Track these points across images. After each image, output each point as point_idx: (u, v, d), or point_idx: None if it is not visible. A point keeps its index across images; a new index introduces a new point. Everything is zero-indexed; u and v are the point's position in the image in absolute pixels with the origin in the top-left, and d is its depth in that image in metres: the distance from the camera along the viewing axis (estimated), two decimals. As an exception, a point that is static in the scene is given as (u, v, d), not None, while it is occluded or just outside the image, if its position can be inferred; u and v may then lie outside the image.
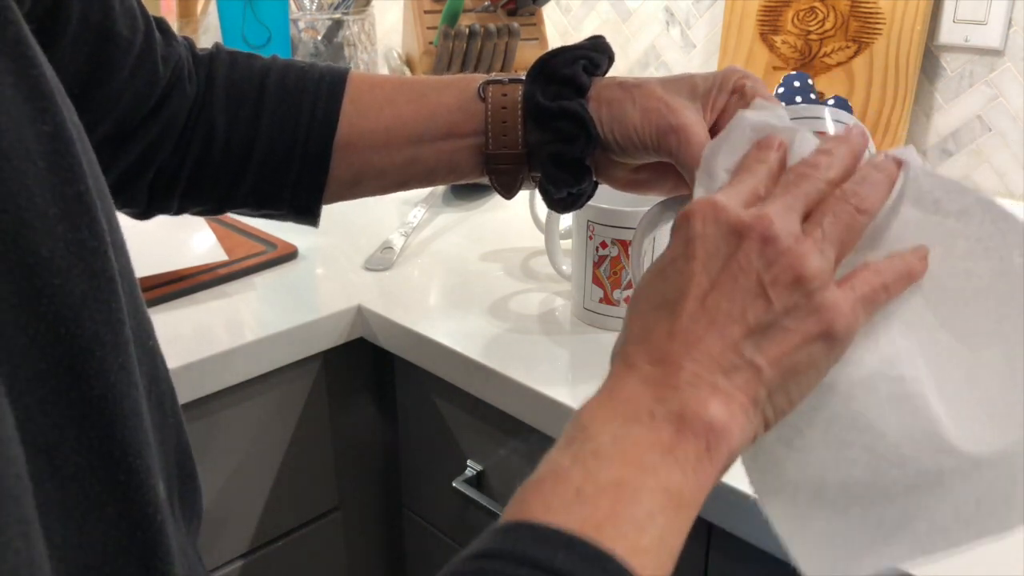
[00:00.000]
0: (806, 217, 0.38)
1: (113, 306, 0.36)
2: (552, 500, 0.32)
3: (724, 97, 0.49)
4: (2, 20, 0.33)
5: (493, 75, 0.55)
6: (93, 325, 0.35)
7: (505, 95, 0.53)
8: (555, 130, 0.52)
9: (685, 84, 0.50)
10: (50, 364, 0.33)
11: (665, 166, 0.52)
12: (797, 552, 0.38)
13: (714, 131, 0.49)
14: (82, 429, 0.34)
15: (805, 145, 0.41)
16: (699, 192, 0.42)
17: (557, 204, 0.55)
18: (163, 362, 0.44)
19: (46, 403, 0.33)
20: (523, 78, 0.53)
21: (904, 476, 0.38)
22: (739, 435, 0.35)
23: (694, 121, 0.48)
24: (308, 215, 0.59)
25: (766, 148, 0.41)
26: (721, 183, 0.41)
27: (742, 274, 0.36)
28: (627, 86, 0.50)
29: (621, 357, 0.37)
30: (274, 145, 0.56)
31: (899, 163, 0.40)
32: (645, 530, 0.32)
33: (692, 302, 0.36)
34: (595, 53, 0.52)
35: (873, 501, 0.39)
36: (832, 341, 0.36)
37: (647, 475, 0.33)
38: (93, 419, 0.35)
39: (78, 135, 0.36)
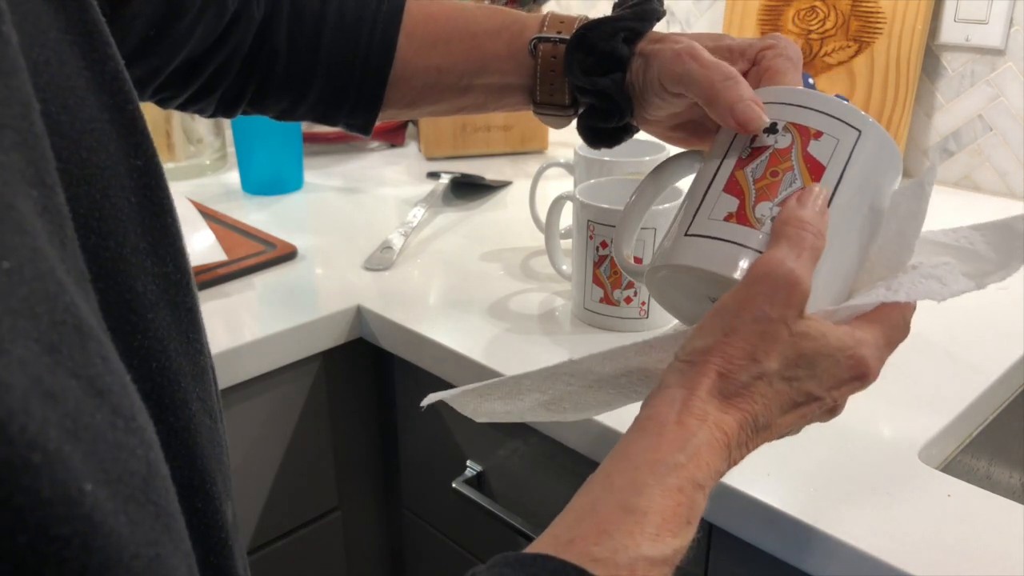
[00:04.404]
0: None
1: (192, 336, 0.36)
2: None
3: (745, 64, 0.49)
4: (101, 56, 0.32)
5: (544, 29, 0.56)
6: (178, 357, 0.35)
7: (555, 57, 0.55)
8: (589, 103, 0.54)
9: (713, 38, 0.51)
10: (141, 398, 0.33)
11: (699, 126, 0.54)
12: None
13: None
14: (167, 461, 0.34)
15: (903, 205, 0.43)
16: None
17: (597, 146, 0.58)
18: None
19: None
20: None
21: None
22: None
23: (707, 52, 0.48)
24: (362, 131, 0.63)
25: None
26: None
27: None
28: (664, 38, 0.51)
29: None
30: (332, 72, 0.59)
31: None
32: None
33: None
34: (638, 23, 0.53)
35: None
36: None
37: None
38: (176, 450, 0.35)
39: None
